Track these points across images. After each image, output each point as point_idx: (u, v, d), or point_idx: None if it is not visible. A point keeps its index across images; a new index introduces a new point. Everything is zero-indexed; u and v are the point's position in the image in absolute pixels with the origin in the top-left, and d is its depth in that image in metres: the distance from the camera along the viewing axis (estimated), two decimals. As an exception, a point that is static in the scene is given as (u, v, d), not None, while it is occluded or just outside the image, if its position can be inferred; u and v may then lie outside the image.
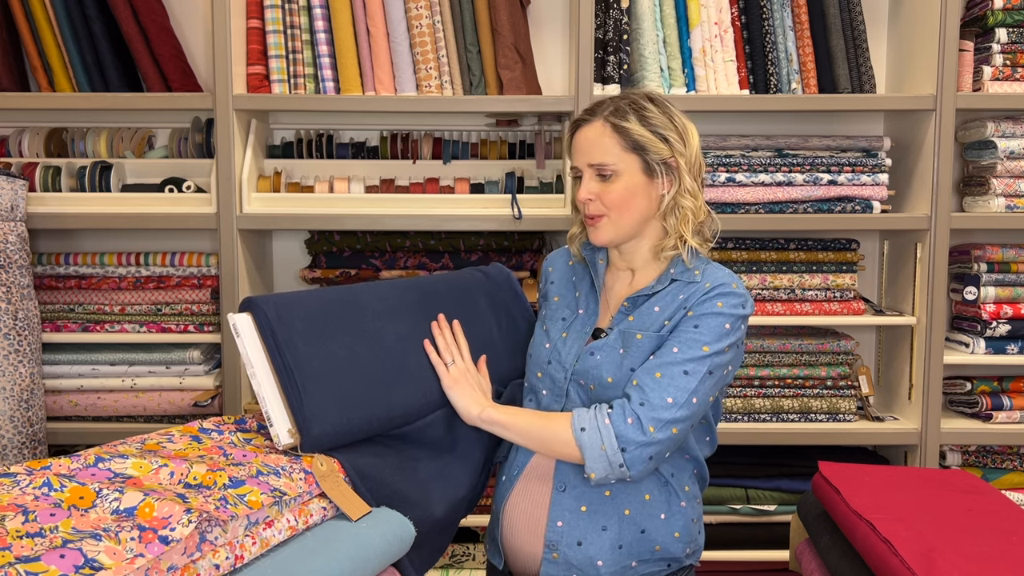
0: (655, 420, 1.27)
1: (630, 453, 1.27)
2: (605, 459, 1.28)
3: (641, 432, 1.27)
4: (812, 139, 2.21)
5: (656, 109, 1.36)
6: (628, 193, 1.36)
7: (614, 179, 1.35)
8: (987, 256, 2.22)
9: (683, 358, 1.30)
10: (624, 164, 1.35)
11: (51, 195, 2.16)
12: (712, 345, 1.31)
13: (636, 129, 1.34)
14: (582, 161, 1.39)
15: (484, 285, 1.59)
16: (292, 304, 1.29)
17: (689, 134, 1.38)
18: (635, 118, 1.35)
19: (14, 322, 1.95)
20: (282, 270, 2.45)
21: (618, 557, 1.36)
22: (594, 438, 1.29)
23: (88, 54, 2.15)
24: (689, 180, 1.36)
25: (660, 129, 1.35)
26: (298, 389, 1.23)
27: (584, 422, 1.31)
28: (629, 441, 1.27)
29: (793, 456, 2.26)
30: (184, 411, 2.17)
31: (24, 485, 0.99)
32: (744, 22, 2.18)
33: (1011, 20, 2.16)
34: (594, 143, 1.37)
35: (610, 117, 1.36)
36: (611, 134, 1.35)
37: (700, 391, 1.30)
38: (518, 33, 2.17)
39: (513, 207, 2.12)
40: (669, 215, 1.38)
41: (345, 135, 2.41)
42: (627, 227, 1.38)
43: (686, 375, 1.29)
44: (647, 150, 1.34)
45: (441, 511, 1.37)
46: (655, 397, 1.28)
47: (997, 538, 1.35)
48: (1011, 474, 2.30)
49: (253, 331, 1.25)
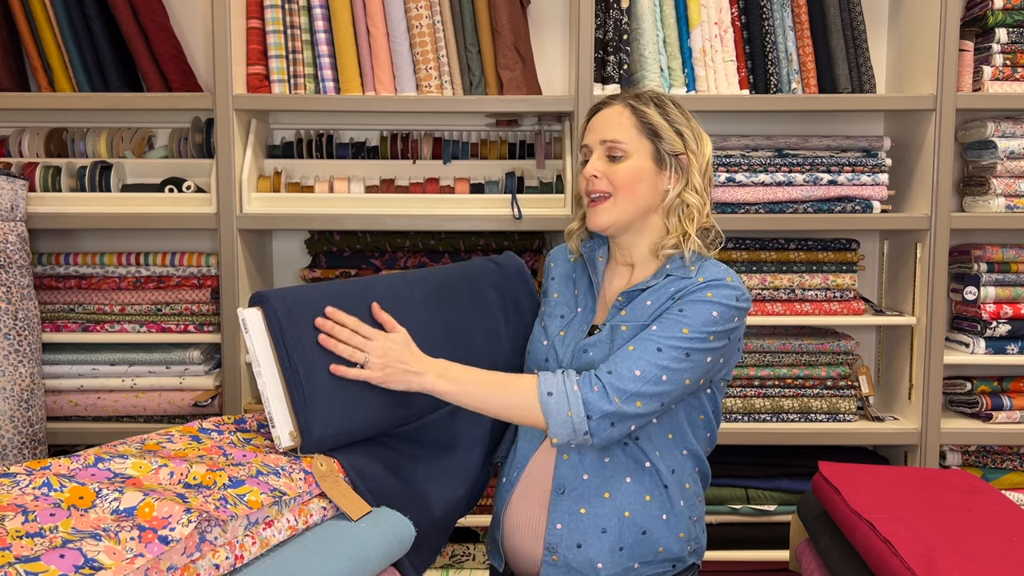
0: (620, 391, 1.27)
1: (595, 421, 1.27)
2: (570, 425, 1.28)
3: (607, 401, 1.27)
4: (812, 139, 2.21)
5: (675, 108, 1.40)
6: (636, 175, 1.37)
7: (623, 159, 1.37)
8: (987, 256, 2.22)
9: (659, 335, 1.30)
10: (636, 146, 1.37)
11: (51, 195, 2.16)
12: (694, 330, 1.30)
13: (654, 115, 1.38)
14: (595, 138, 1.40)
15: (495, 278, 1.58)
16: (303, 300, 1.28)
17: (703, 139, 1.41)
18: (654, 106, 1.39)
19: (14, 322, 1.95)
20: (282, 270, 2.45)
21: (619, 559, 1.35)
22: (561, 404, 1.28)
23: (88, 54, 2.15)
24: (698, 178, 1.39)
25: (676, 123, 1.38)
26: (303, 392, 1.22)
27: (551, 386, 1.29)
28: (595, 409, 1.27)
29: (793, 456, 2.26)
30: (184, 411, 2.17)
31: (24, 485, 0.99)
32: (744, 22, 2.18)
33: (1011, 20, 2.16)
34: (610, 121, 1.39)
35: (631, 100, 1.40)
36: (629, 115, 1.39)
37: (673, 370, 1.28)
38: (518, 33, 2.17)
39: (513, 207, 2.12)
40: (672, 213, 1.39)
41: (345, 135, 2.41)
42: (628, 212, 1.38)
43: (659, 352, 1.28)
44: (661, 138, 1.37)
45: (439, 511, 1.37)
46: (623, 368, 1.28)
47: (997, 538, 1.35)
48: (1011, 474, 2.30)
49: (262, 327, 1.23)
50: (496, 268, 1.60)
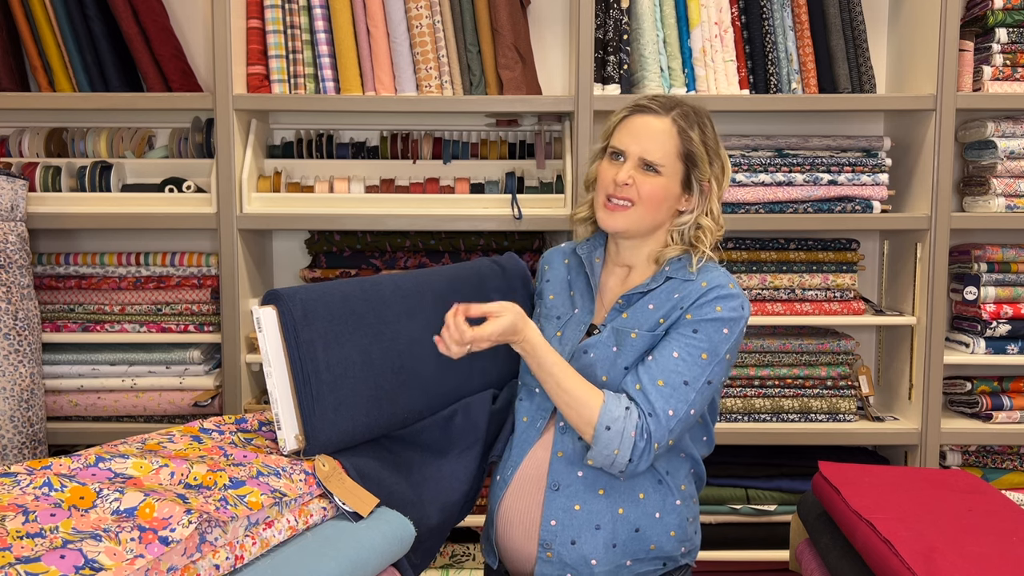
0: (660, 437, 1.30)
1: (633, 465, 1.31)
2: (611, 459, 1.31)
3: (649, 452, 1.30)
4: (812, 139, 2.21)
5: (713, 131, 1.40)
6: (664, 194, 1.38)
7: (656, 177, 1.37)
8: (987, 256, 2.22)
9: (684, 368, 1.32)
10: (671, 168, 1.37)
11: (51, 195, 2.16)
12: (711, 353, 1.33)
13: (697, 143, 1.37)
14: (634, 149, 1.38)
15: (498, 281, 1.58)
16: (318, 301, 1.27)
17: (727, 165, 1.43)
18: (698, 132, 1.38)
19: (14, 322, 1.95)
20: (282, 270, 2.45)
21: (612, 556, 1.36)
22: (613, 441, 1.30)
23: (88, 54, 2.15)
24: (716, 205, 1.40)
25: (711, 152, 1.39)
26: (311, 396, 1.22)
27: (612, 420, 1.30)
28: (637, 456, 1.30)
29: (793, 456, 2.26)
30: (184, 411, 2.17)
31: (24, 485, 0.99)
32: (744, 22, 2.18)
33: (1011, 20, 2.16)
34: (655, 137, 1.37)
35: (679, 119, 1.38)
36: (675, 136, 1.37)
37: (697, 402, 1.33)
38: (518, 33, 2.17)
39: (513, 207, 2.12)
40: (678, 231, 1.41)
41: (345, 135, 2.41)
42: (644, 224, 1.40)
43: (686, 386, 1.31)
44: (696, 165, 1.38)
45: (436, 513, 1.37)
46: (660, 409, 1.30)
47: (997, 538, 1.35)
48: (1011, 474, 2.30)
49: (276, 327, 1.23)
50: (500, 271, 1.61)
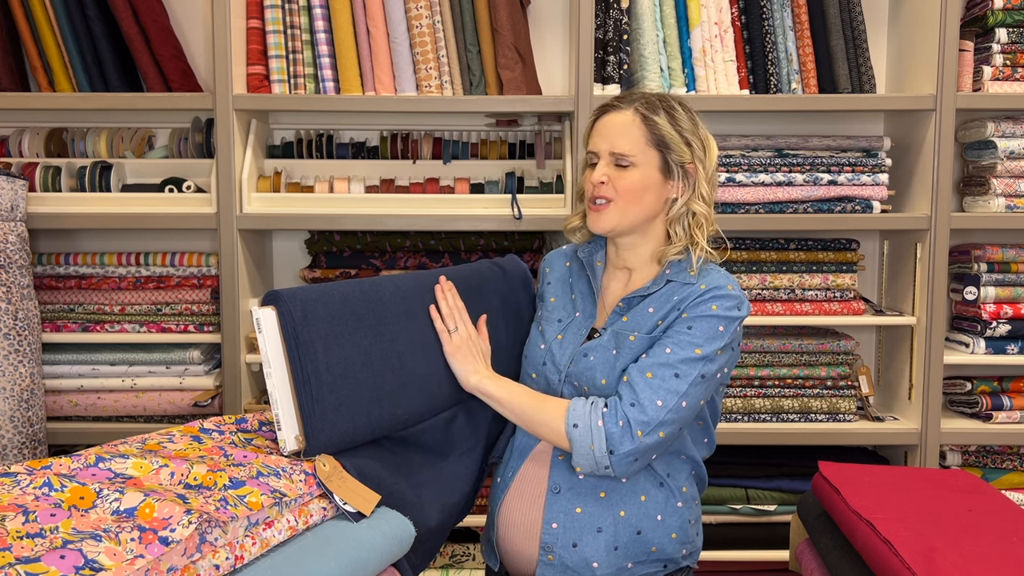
0: (644, 424, 1.28)
1: (616, 457, 1.28)
2: (592, 457, 1.29)
3: (630, 438, 1.28)
4: (812, 139, 2.21)
5: (685, 114, 1.38)
6: (641, 185, 1.36)
7: (631, 169, 1.36)
8: (987, 256, 2.22)
9: (675, 359, 1.30)
10: (644, 157, 1.36)
11: (51, 195, 2.16)
12: (704, 347, 1.30)
13: (664, 126, 1.35)
14: (603, 147, 1.38)
15: (499, 283, 1.58)
16: (318, 302, 1.27)
17: (710, 146, 1.40)
18: (665, 116, 1.36)
19: (14, 322, 1.95)
20: (282, 270, 2.45)
21: (614, 558, 1.36)
22: (584, 436, 1.29)
23: (88, 54, 2.15)
24: (704, 187, 1.38)
25: (686, 133, 1.37)
26: (311, 397, 1.22)
27: (578, 417, 1.30)
28: (617, 446, 1.28)
29: (793, 456, 2.26)
30: (184, 411, 2.17)
31: (24, 485, 0.99)
32: (744, 22, 2.18)
33: (1011, 20, 2.16)
34: (620, 131, 1.37)
35: (641, 108, 1.37)
36: (639, 125, 1.36)
37: (690, 395, 1.30)
38: (518, 33, 2.17)
39: (513, 207, 2.12)
40: (677, 221, 1.39)
41: (345, 135, 2.41)
42: (631, 219, 1.38)
43: (677, 378, 1.29)
44: (670, 149, 1.36)
45: (436, 514, 1.37)
46: (645, 399, 1.28)
47: (997, 538, 1.35)
48: (1011, 474, 2.30)
49: (276, 328, 1.22)
50: (501, 273, 1.60)
